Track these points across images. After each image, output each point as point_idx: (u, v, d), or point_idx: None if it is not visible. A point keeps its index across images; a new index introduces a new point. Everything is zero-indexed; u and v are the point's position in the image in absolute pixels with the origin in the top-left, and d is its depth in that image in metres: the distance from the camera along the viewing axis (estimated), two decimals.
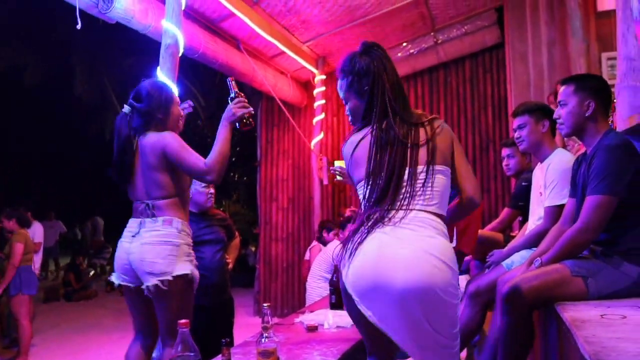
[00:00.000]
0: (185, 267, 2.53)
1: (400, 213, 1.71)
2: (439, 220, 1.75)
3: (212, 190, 3.53)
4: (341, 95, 1.98)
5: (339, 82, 1.98)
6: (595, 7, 5.45)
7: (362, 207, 1.82)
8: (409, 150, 1.78)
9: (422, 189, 1.75)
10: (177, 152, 2.51)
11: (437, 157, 1.79)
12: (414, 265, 1.63)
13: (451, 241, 3.03)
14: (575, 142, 4.11)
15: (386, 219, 1.71)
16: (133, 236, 2.55)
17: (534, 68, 5.74)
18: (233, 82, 2.62)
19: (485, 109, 6.60)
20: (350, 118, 1.99)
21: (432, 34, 6.47)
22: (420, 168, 1.77)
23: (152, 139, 2.58)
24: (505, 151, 3.64)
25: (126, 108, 2.66)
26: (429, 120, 1.84)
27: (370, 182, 1.77)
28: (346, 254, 1.73)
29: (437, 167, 1.78)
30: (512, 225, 4.06)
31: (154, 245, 2.50)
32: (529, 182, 3.26)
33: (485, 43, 6.46)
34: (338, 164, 3.17)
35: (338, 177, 3.09)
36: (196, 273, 2.59)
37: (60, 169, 16.57)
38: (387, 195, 1.74)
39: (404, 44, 6.52)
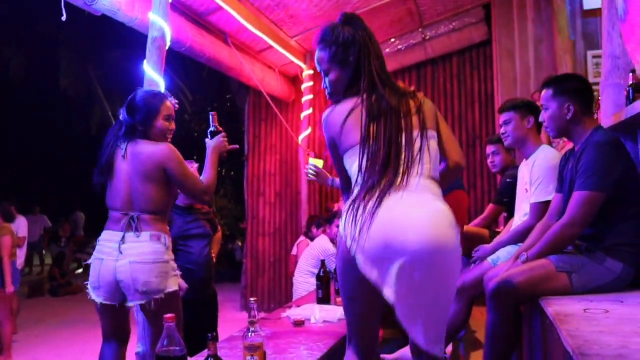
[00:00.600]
0: (175, 283, 2.54)
1: (404, 179, 1.71)
2: (436, 185, 1.78)
3: None
4: (321, 67, 1.92)
5: (318, 53, 1.91)
6: (582, 5, 5.50)
7: (358, 176, 1.76)
8: (402, 119, 1.78)
9: (419, 154, 1.76)
10: (179, 170, 2.53)
11: (428, 123, 1.82)
12: (431, 224, 1.63)
13: None
14: (561, 139, 4.15)
15: (394, 186, 1.69)
16: (118, 253, 2.46)
17: (521, 65, 5.79)
18: (215, 116, 2.80)
19: (472, 106, 6.63)
20: (328, 90, 1.94)
21: (419, 30, 6.48)
22: (415, 133, 1.78)
23: (148, 149, 2.54)
24: (490, 148, 3.66)
25: (121, 115, 2.64)
26: (413, 92, 1.87)
27: (366, 151, 1.75)
28: (358, 221, 1.66)
29: (430, 132, 1.81)
30: (497, 221, 4.09)
31: (144, 264, 2.44)
32: (514, 178, 3.29)
33: (472, 40, 6.49)
34: (313, 162, 3.20)
35: (311, 176, 3.12)
36: (184, 286, 2.66)
37: (45, 162, 16.40)
38: (390, 162, 1.72)
39: (392, 40, 6.53)
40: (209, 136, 2.77)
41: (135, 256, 2.44)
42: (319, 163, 3.24)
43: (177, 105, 2.80)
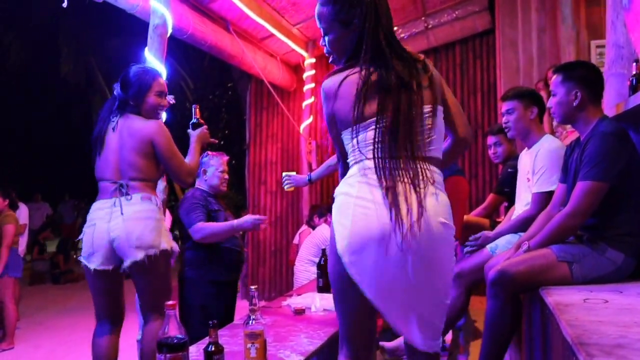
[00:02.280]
0: (168, 242, 2.60)
1: (411, 164, 1.58)
2: (440, 171, 1.67)
3: (226, 177, 3.54)
4: (320, 24, 1.75)
5: (319, 8, 1.73)
6: None
7: (357, 151, 1.64)
8: (414, 94, 1.62)
9: (429, 132, 1.63)
10: (167, 147, 2.61)
11: (439, 98, 1.70)
12: (425, 230, 1.54)
13: None
14: (564, 129, 4.15)
15: (402, 172, 1.56)
16: (111, 215, 2.53)
17: (524, 54, 5.75)
18: (198, 109, 2.94)
19: (475, 95, 6.61)
20: (326, 49, 1.78)
21: (422, 18, 6.44)
22: (427, 109, 1.65)
23: (139, 124, 2.61)
24: (491, 139, 3.65)
25: (115, 90, 2.72)
26: (423, 61, 1.72)
27: (373, 129, 1.61)
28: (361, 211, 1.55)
29: (439, 107, 1.69)
30: (498, 210, 4.09)
31: (138, 221, 2.52)
32: (515, 168, 3.28)
33: (475, 28, 6.45)
34: (286, 174, 3.41)
35: (287, 188, 3.19)
36: (176, 248, 2.67)
37: (46, 150, 16.41)
38: (398, 140, 1.58)
39: (395, 28, 6.45)
40: (191, 127, 2.92)
41: (128, 214, 2.52)
42: (293, 173, 3.48)
43: (173, 101, 2.87)
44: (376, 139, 1.60)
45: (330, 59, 1.81)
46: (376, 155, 1.59)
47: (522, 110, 2.85)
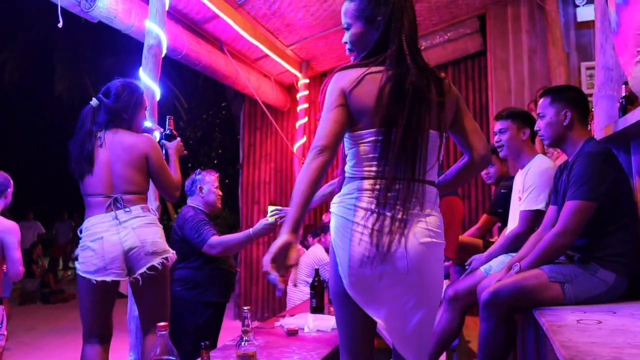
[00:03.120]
0: (170, 250, 2.66)
1: (417, 187, 1.60)
2: (436, 191, 1.70)
3: (220, 193, 3.55)
4: (345, 19, 1.74)
5: (346, 4, 1.73)
6: (576, 17, 5.56)
7: (356, 164, 1.65)
8: (425, 106, 1.61)
9: (431, 154, 1.65)
10: (160, 162, 2.65)
11: (449, 117, 1.71)
12: (421, 254, 1.60)
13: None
14: (555, 150, 4.18)
15: (401, 198, 1.57)
16: (117, 227, 2.53)
17: (515, 76, 5.83)
18: (172, 120, 2.95)
19: None
20: (348, 45, 1.76)
21: None
22: (433, 132, 1.64)
23: (132, 139, 2.62)
24: None
25: (94, 101, 2.68)
26: (444, 78, 1.72)
27: (383, 137, 1.59)
28: (384, 234, 1.56)
29: (444, 133, 1.68)
30: (491, 231, 4.10)
31: (148, 228, 2.57)
32: (508, 189, 3.30)
33: (467, 50, 6.52)
34: (272, 208, 3.24)
35: (274, 220, 3.12)
36: (173, 257, 2.69)
37: (39, 168, 16.35)
38: (405, 160, 1.58)
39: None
40: (164, 138, 2.94)
41: (136, 224, 2.55)
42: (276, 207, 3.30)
43: (158, 129, 3.01)
44: (381, 155, 1.60)
45: (348, 52, 1.79)
46: (378, 176, 1.60)
47: (514, 130, 2.87)
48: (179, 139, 2.94)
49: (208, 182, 3.46)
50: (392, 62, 1.62)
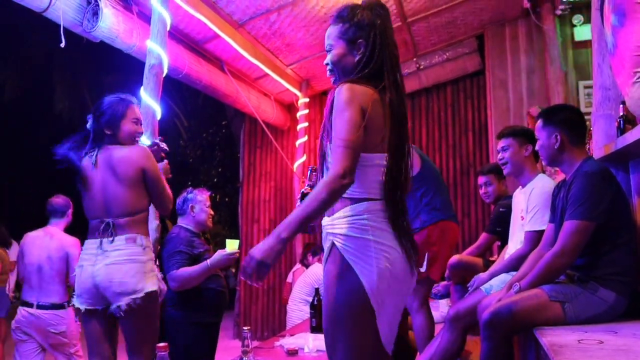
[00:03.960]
0: (154, 283, 2.54)
1: (404, 205, 1.74)
2: None
3: (212, 212, 3.53)
4: (327, 42, 1.80)
5: (329, 29, 1.80)
6: (573, 37, 5.62)
7: (362, 184, 1.68)
8: (406, 129, 1.74)
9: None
10: (156, 173, 2.61)
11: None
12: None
13: (421, 266, 3.06)
14: (553, 168, 4.19)
15: (404, 215, 1.73)
16: (96, 258, 2.49)
17: (514, 94, 5.88)
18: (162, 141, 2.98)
19: (466, 134, 6.69)
20: (330, 67, 1.81)
21: (414, 59, 6.57)
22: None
23: (123, 152, 2.57)
24: (481, 179, 3.69)
25: (88, 124, 2.68)
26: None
27: (387, 163, 1.68)
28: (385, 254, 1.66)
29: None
30: (491, 249, 4.09)
31: (120, 265, 2.47)
32: (507, 208, 3.31)
33: (466, 69, 6.58)
34: (230, 244, 3.22)
35: (230, 251, 3.17)
36: (163, 287, 2.65)
37: (39, 186, 16.35)
38: (403, 182, 1.72)
39: None
40: None
41: (110, 259, 2.47)
42: (235, 244, 3.27)
43: (167, 148, 2.93)
44: (387, 179, 1.69)
45: (332, 78, 1.84)
46: (383, 199, 1.69)
47: (517, 147, 2.91)
48: (166, 161, 2.93)
49: (200, 202, 3.43)
50: (389, 87, 1.70)
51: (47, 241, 3.88)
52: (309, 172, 2.18)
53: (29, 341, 3.83)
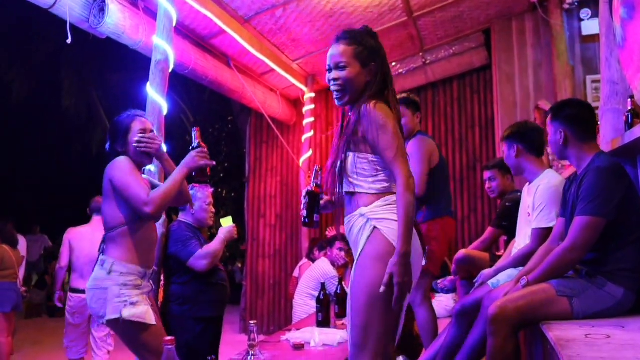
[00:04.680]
0: (115, 310, 2.41)
1: None
2: None
3: (213, 210, 3.53)
4: (339, 60, 2.00)
5: (340, 47, 2.00)
6: (581, 31, 5.57)
7: (385, 181, 1.94)
8: None
9: None
10: (120, 180, 2.44)
11: None
12: None
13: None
14: (560, 162, 4.18)
15: None
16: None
17: (521, 89, 5.84)
18: (198, 132, 2.64)
19: (473, 129, 6.67)
20: (340, 84, 1.99)
21: (420, 54, 6.55)
22: None
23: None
24: (486, 174, 3.72)
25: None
26: None
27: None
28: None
29: None
30: (497, 244, 4.09)
31: (89, 290, 2.52)
32: (513, 202, 3.30)
33: (473, 64, 6.55)
34: (224, 222, 3.43)
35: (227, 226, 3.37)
36: (135, 312, 2.43)
37: (47, 182, 16.43)
38: None
39: (393, 64, 6.59)
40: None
41: (89, 283, 2.53)
42: (229, 219, 3.48)
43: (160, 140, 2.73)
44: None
45: (338, 95, 2.01)
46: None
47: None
48: (200, 149, 2.56)
49: (200, 199, 3.43)
50: (394, 102, 2.00)
51: (95, 235, 4.14)
52: (314, 171, 2.29)
53: (82, 324, 4.50)
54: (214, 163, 2.60)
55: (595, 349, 1.69)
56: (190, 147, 2.58)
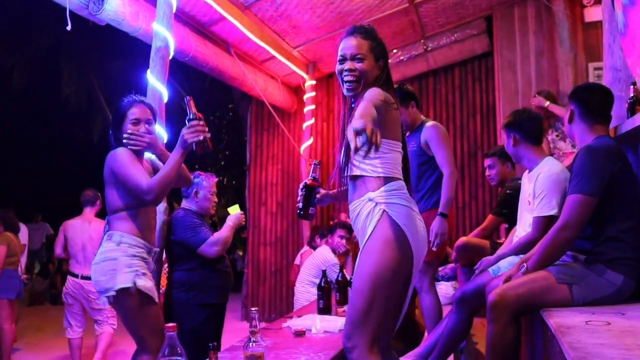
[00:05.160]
0: (126, 279, 2.47)
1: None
2: None
3: (216, 199, 3.54)
4: (355, 51, 2.03)
5: (357, 40, 2.05)
6: (583, 18, 5.54)
7: (391, 166, 1.98)
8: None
9: None
10: (121, 171, 2.51)
11: None
12: None
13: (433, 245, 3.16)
14: (560, 150, 4.18)
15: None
16: None
17: (522, 77, 5.82)
18: (192, 101, 2.46)
19: (474, 116, 6.65)
20: (355, 75, 2.03)
21: (422, 41, 6.52)
22: None
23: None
24: (486, 162, 3.72)
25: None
26: None
27: (401, 149, 2.04)
28: (413, 220, 1.94)
29: None
30: (498, 232, 4.10)
31: (96, 265, 2.56)
32: (513, 190, 3.30)
33: (474, 51, 6.52)
34: (234, 210, 3.49)
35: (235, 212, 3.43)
36: (145, 284, 2.51)
37: (48, 170, 16.44)
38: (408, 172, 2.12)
39: (394, 51, 6.57)
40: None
41: (95, 258, 2.59)
42: (237, 207, 3.53)
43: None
44: (404, 163, 2.06)
45: (351, 85, 2.05)
46: (405, 179, 2.04)
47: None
48: (191, 123, 2.40)
49: (204, 187, 3.45)
50: (394, 95, 2.08)
51: (86, 226, 4.87)
52: (312, 165, 2.32)
53: (75, 304, 4.82)
54: (209, 135, 2.43)
55: (596, 336, 1.70)
56: (187, 119, 2.45)
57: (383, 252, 1.88)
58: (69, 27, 3.39)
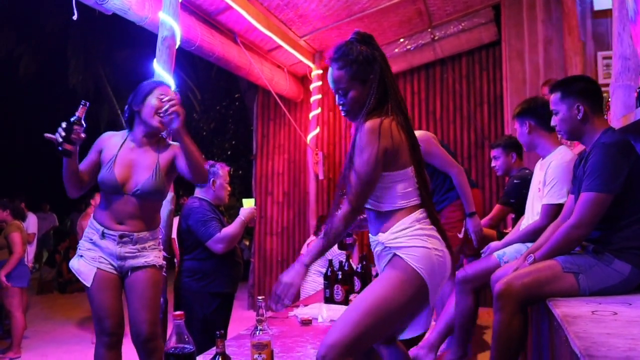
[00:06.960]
0: (75, 263, 2.67)
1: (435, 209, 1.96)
2: None
3: (229, 188, 3.55)
4: (338, 85, 1.91)
5: (335, 72, 1.91)
6: (592, 5, 5.47)
7: (399, 198, 1.85)
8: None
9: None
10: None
11: None
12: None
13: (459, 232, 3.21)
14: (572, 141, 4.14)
15: (435, 217, 1.90)
16: None
17: (530, 66, 5.76)
18: (84, 108, 2.66)
19: (482, 106, 6.61)
20: (345, 109, 1.92)
21: (429, 30, 6.47)
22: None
23: None
24: (492, 153, 3.73)
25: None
26: None
27: (416, 174, 1.88)
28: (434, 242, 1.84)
29: None
30: (505, 221, 4.09)
31: None
32: (521, 179, 3.30)
33: (482, 40, 6.47)
34: (248, 203, 3.42)
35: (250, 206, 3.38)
36: (73, 264, 2.66)
37: (55, 160, 16.54)
38: (428, 190, 1.92)
39: (401, 40, 6.52)
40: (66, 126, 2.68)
41: None
42: (251, 201, 3.45)
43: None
44: (420, 188, 1.88)
45: (345, 113, 1.95)
46: (421, 206, 1.88)
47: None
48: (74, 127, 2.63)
49: (221, 176, 3.45)
50: (396, 110, 1.86)
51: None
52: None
53: None
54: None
55: (602, 326, 1.70)
56: (71, 120, 2.63)
57: (385, 288, 1.81)
58: (75, 17, 3.39)
